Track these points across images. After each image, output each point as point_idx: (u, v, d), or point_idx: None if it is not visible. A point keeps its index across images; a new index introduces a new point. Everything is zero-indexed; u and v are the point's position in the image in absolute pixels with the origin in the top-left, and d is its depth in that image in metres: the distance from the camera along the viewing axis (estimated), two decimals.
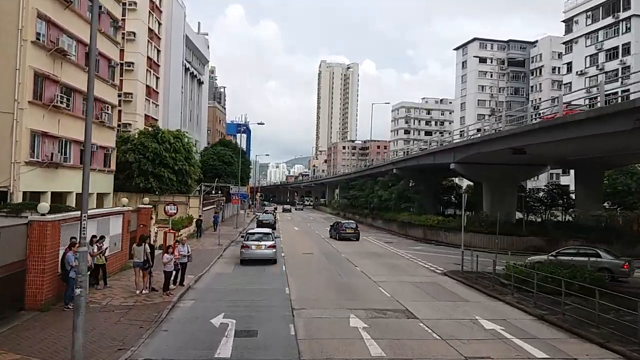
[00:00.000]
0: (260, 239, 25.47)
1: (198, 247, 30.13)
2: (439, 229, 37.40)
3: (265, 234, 26.47)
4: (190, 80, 73.21)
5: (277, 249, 26.04)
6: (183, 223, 33.66)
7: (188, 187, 41.81)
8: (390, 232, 47.58)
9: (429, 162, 41.06)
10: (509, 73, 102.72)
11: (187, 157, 41.57)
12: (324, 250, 30.70)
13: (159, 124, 46.32)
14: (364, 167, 70.89)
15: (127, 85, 46.63)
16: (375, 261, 26.27)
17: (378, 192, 51.68)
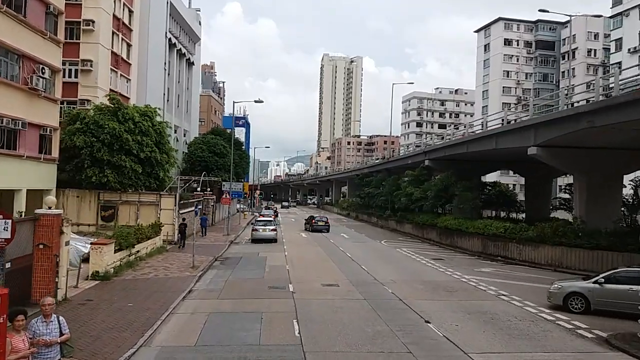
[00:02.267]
0: (265, 225, 34.29)
1: (157, 272, 19.49)
2: (508, 239, 26.69)
3: (268, 221, 35.66)
4: (178, 59, 62.44)
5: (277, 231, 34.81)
6: (143, 233, 22.99)
7: (160, 182, 31.17)
8: (427, 240, 36.83)
9: (486, 147, 30.40)
10: (537, 57, 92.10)
11: (158, 142, 30.91)
12: (357, 279, 19.84)
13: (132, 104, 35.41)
14: (382, 160, 60.18)
15: (85, 51, 35.93)
16: (452, 304, 15.46)
17: (407, 189, 40.96)
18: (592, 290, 15.28)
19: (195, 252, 25.71)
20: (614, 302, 14.85)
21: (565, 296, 15.67)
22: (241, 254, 27.16)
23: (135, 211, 30.19)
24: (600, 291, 15.08)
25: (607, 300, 14.98)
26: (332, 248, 31.02)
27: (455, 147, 35.41)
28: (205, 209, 44.59)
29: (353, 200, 70.70)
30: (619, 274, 15.65)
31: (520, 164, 40.38)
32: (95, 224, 30.12)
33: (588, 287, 15.45)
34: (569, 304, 15.49)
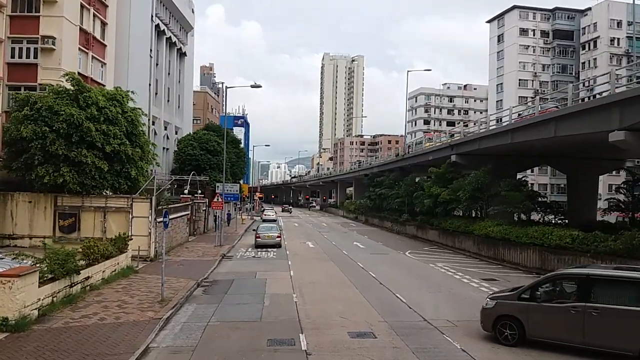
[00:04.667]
0: (269, 230, 32.87)
1: (107, 313, 13.32)
2: (578, 252, 20.39)
3: (272, 227, 34.37)
4: (168, 48, 56.32)
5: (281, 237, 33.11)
6: (97, 252, 16.78)
7: (133, 183, 25.00)
8: (460, 251, 30.57)
9: (541, 136, 24.26)
10: (554, 47, 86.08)
11: (129, 133, 24.75)
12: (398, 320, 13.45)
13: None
14: (396, 157, 53.92)
15: (46, 25, 29.92)
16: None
17: (431, 189, 34.73)
18: (528, 310, 11.24)
19: (174, 273, 19.67)
20: (555, 330, 10.88)
21: (496, 319, 11.62)
22: (233, 274, 20.97)
23: (101, 219, 24.07)
24: (536, 310, 11.10)
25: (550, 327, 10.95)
26: (348, 263, 24.82)
27: (494, 138, 29.24)
28: (195, 215, 38.50)
29: (361, 202, 64.51)
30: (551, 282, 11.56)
31: (562, 158, 34.36)
32: (52, 235, 24.02)
33: (519, 305, 11.33)
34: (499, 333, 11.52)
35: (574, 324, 10.60)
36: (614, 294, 10.50)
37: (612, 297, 10.42)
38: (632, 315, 9.99)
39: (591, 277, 10.94)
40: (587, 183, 34.98)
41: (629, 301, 10.21)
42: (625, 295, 10.34)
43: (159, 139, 52.52)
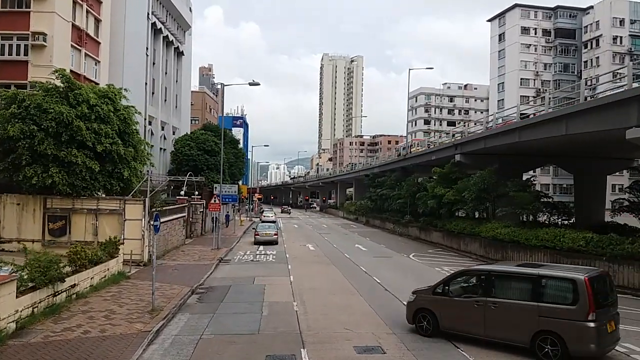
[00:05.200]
0: (267, 228, 35.61)
1: (92, 325, 12.29)
2: (593, 256, 19.39)
3: (270, 226, 36.92)
4: (165, 47, 55.34)
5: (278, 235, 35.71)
6: (85, 257, 15.76)
7: (126, 184, 23.98)
8: (466, 254, 29.54)
9: (550, 134, 23.28)
10: (556, 46, 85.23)
11: (122, 132, 23.73)
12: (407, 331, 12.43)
13: None
14: (397, 157, 52.84)
15: (37, 21, 28.97)
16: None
17: (435, 189, 33.72)
18: (437, 302, 12.12)
19: (168, 278, 18.67)
20: (467, 324, 11.61)
21: (415, 312, 12.49)
22: (230, 280, 19.94)
23: (93, 222, 23.04)
24: (447, 304, 11.95)
25: (457, 319, 11.78)
26: (350, 267, 23.78)
27: (500, 137, 28.24)
28: (192, 216, 37.48)
29: (362, 203, 63.48)
30: (459, 278, 12.40)
31: (569, 158, 33.43)
32: (42, 239, 22.99)
33: (433, 299, 12.22)
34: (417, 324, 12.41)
35: (477, 317, 11.28)
36: (510, 289, 11.21)
37: (508, 292, 11.14)
38: (523, 309, 10.65)
39: (492, 273, 11.71)
40: (595, 183, 34.05)
41: (520, 296, 10.91)
42: (518, 291, 11.04)
43: (155, 139, 51.50)
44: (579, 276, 10.32)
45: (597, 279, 10.62)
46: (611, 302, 10.76)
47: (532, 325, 10.45)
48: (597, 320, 9.95)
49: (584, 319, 9.91)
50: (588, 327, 9.88)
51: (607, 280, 11.13)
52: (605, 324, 10.16)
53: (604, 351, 10.34)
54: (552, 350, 10.17)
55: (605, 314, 10.27)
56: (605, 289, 10.87)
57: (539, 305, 10.47)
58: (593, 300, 10.00)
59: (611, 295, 10.90)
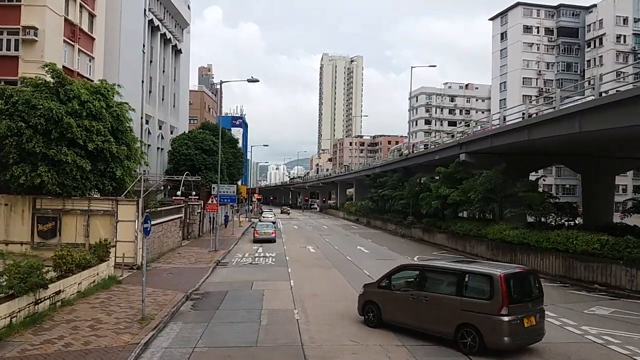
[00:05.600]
0: (266, 227, 37.39)
1: (75, 336, 11.28)
2: (609, 259, 18.42)
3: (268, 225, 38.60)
4: (163, 45, 54.36)
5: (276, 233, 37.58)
6: (72, 261, 14.76)
7: (119, 184, 22.98)
8: (472, 256, 28.49)
9: (562, 131, 22.31)
10: (559, 45, 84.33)
11: (114, 130, 22.73)
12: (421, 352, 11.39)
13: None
14: (399, 157, 51.78)
15: (28, 15, 27.96)
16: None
17: (439, 190, 32.73)
18: (381, 295, 12.93)
19: (162, 283, 17.68)
20: (404, 315, 12.33)
21: (364, 304, 13.33)
22: (227, 284, 18.94)
23: (84, 223, 22.05)
24: (389, 297, 12.73)
25: (396, 312, 12.54)
26: (353, 271, 22.77)
27: (508, 135, 27.25)
28: (189, 217, 36.49)
29: (363, 203, 62.50)
30: (400, 273, 13.15)
31: (577, 157, 32.47)
32: (30, 241, 22.02)
33: (378, 292, 13.06)
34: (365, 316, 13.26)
35: (412, 310, 11.99)
36: (438, 284, 11.86)
37: (438, 287, 11.78)
38: (448, 303, 11.23)
39: (424, 268, 12.57)
40: (604, 183, 33.13)
41: (447, 290, 11.49)
42: (445, 285, 11.65)
43: (153, 138, 50.51)
44: (495, 272, 10.86)
45: (515, 275, 11.12)
46: (533, 298, 11.14)
47: (455, 318, 10.96)
48: (510, 314, 10.37)
49: (497, 312, 10.40)
50: (501, 321, 10.36)
51: (530, 278, 11.55)
52: (522, 319, 10.52)
53: (519, 345, 10.73)
54: (472, 343, 10.66)
55: (522, 309, 10.64)
56: (526, 286, 11.31)
57: (462, 299, 11.04)
58: (507, 295, 10.42)
59: (534, 292, 11.28)
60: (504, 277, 10.60)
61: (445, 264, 12.65)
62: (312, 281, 19.85)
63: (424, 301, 11.69)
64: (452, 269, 11.92)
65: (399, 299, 12.42)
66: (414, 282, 12.32)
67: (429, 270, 12.35)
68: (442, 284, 11.78)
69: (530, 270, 12.57)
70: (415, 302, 11.89)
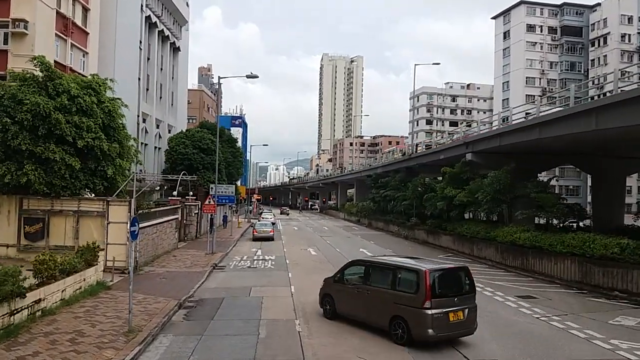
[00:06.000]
0: (265, 226, 39.29)
1: (53, 351, 10.12)
2: (630, 264, 17.33)
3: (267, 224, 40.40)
4: (161, 42, 53.28)
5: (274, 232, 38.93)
6: (54, 267, 13.62)
7: (110, 183, 21.84)
8: (481, 260, 27.37)
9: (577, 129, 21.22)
10: (563, 44, 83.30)
11: (106, 126, 21.59)
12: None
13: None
14: (403, 156, 50.64)
15: (18, 7, 26.87)
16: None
17: (445, 190, 31.62)
18: (335, 289, 13.80)
19: (154, 289, 16.55)
20: (351, 308, 13.15)
21: (322, 297, 14.23)
22: (224, 291, 17.79)
23: (73, 225, 20.90)
24: (341, 290, 13.56)
25: (346, 304, 13.31)
26: None
27: (518, 133, 26.12)
28: (186, 218, 35.37)
29: (364, 204, 61.38)
30: (351, 267, 13.91)
31: (587, 157, 31.38)
32: (17, 243, 20.88)
33: (333, 286, 13.90)
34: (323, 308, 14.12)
35: (359, 302, 12.70)
36: (379, 278, 12.49)
37: (378, 281, 12.42)
38: (385, 296, 11.93)
39: (369, 263, 13.31)
40: (614, 184, 32.01)
41: (385, 284, 12.15)
42: (384, 280, 12.27)
43: (150, 137, 49.41)
44: (421, 268, 11.44)
45: (442, 271, 11.86)
46: (461, 294, 11.61)
47: (390, 311, 11.59)
48: (433, 308, 10.88)
49: (422, 306, 10.95)
50: (425, 314, 10.89)
51: (459, 275, 12.06)
52: (447, 313, 10.98)
53: (443, 338, 11.13)
54: (402, 334, 11.27)
55: (448, 304, 11.11)
56: (454, 282, 11.85)
57: (395, 293, 11.71)
58: (430, 289, 10.95)
59: (463, 288, 11.76)
60: (429, 272, 11.13)
61: (385, 260, 13.50)
62: (314, 287, 18.56)
63: (367, 294, 12.41)
64: (388, 264, 12.66)
65: (349, 292, 13.10)
66: (361, 277, 13.00)
67: (372, 266, 13.00)
68: (381, 279, 12.41)
69: (460, 267, 12.76)
70: (360, 295, 12.61)
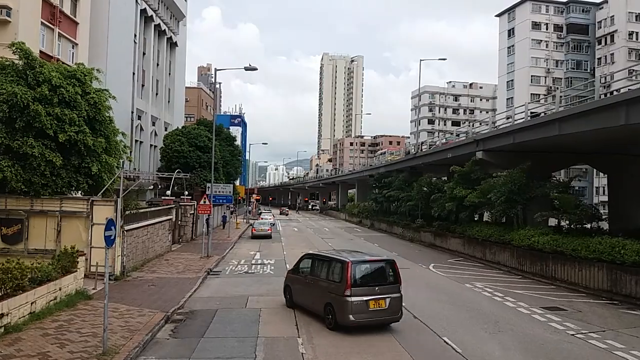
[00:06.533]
0: (263, 224, 41.49)
1: None
2: None
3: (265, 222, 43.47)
4: (157, 37, 51.62)
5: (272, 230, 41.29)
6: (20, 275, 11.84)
7: (96, 181, 20.07)
8: (494, 265, 25.63)
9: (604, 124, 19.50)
10: (568, 42, 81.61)
11: (91, 119, 19.82)
12: None
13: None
14: (407, 155, 48.88)
15: None
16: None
17: (454, 191, 29.89)
18: (293, 279, 15.04)
19: (140, 298, 14.83)
20: (302, 297, 14.42)
21: (284, 287, 15.45)
22: (218, 300, 16.03)
23: (54, 227, 19.15)
24: (296, 281, 14.81)
25: (300, 294, 14.57)
26: None
27: (535, 130, 24.33)
28: (181, 219, 33.65)
29: (366, 205, 59.63)
30: (304, 260, 15.04)
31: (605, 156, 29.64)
32: None
33: (291, 277, 15.19)
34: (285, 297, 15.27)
35: (307, 291, 13.97)
36: (320, 269, 13.70)
37: (319, 272, 13.68)
38: (322, 285, 13.22)
39: (315, 256, 14.58)
40: (634, 184, 30.25)
41: (323, 274, 13.45)
42: (323, 270, 13.53)
43: (145, 135, 47.69)
44: (346, 259, 12.71)
45: (365, 263, 13.04)
46: (383, 284, 12.65)
47: (324, 298, 12.78)
48: (354, 295, 12.05)
49: (343, 294, 12.15)
50: (346, 301, 12.05)
51: (383, 267, 13.23)
52: (367, 301, 12.12)
53: (363, 323, 12.18)
54: (331, 319, 12.45)
55: (368, 292, 12.26)
56: (376, 273, 12.98)
57: (328, 282, 12.99)
58: (351, 279, 12.18)
59: (387, 279, 12.86)
60: (351, 264, 12.42)
61: (325, 253, 14.80)
62: None
63: (312, 284, 13.69)
64: (325, 257, 13.89)
65: (302, 282, 14.38)
66: (309, 268, 14.20)
67: (317, 258, 14.29)
68: (321, 270, 13.63)
69: (385, 260, 13.82)
70: (308, 285, 13.89)
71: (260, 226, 40.73)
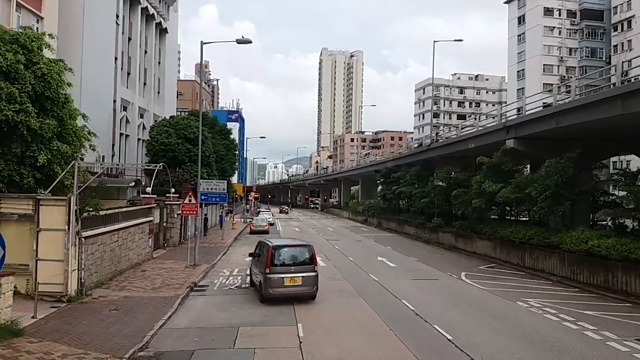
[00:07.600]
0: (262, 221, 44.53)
1: None
2: None
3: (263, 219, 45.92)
4: (145, 21, 47.33)
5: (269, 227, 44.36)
6: None
7: (46, 175, 15.78)
8: (537, 273, 21.37)
9: None
10: (582, 29, 77.39)
11: (38, 95, 15.47)
12: None
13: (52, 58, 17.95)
14: (419, 147, 44.53)
15: None
16: None
17: (482, 185, 25.64)
18: (252, 263, 17.32)
19: (91, 333, 10.62)
20: (254, 276, 16.84)
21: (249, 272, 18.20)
22: (197, 333, 11.77)
23: None
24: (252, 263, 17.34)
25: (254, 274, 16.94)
26: (389, 303, 15.47)
27: (588, 110, 20.08)
28: (167, 220, 29.46)
29: (372, 202, 55.44)
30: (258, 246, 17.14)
31: None
32: None
33: (252, 261, 17.33)
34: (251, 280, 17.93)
35: (255, 272, 16.74)
36: (261, 252, 16.10)
37: (261, 254, 16.13)
38: (259, 264, 15.86)
39: (262, 242, 16.90)
40: None
41: (260, 256, 16.03)
42: (261, 252, 16.08)
43: (132, 127, 43.50)
44: (269, 243, 15.71)
45: (285, 246, 15.96)
46: (299, 264, 15.16)
47: (259, 276, 15.55)
48: (272, 273, 14.75)
49: (264, 271, 14.91)
50: (267, 277, 14.76)
51: (301, 250, 15.77)
52: (283, 278, 14.76)
53: (280, 296, 14.82)
54: (260, 292, 15.21)
55: (285, 271, 14.92)
56: (294, 255, 15.53)
57: (262, 263, 15.53)
58: (270, 259, 14.86)
59: (304, 261, 15.29)
60: (272, 247, 15.24)
61: (264, 239, 17.36)
62: (332, 325, 12.73)
63: (257, 264, 16.11)
64: (263, 242, 16.42)
65: (254, 264, 16.77)
66: (259, 252, 16.23)
67: (262, 244, 16.47)
68: (261, 252, 15.96)
69: (302, 245, 16.18)
70: (256, 266, 16.43)
71: (259, 222, 44.40)
